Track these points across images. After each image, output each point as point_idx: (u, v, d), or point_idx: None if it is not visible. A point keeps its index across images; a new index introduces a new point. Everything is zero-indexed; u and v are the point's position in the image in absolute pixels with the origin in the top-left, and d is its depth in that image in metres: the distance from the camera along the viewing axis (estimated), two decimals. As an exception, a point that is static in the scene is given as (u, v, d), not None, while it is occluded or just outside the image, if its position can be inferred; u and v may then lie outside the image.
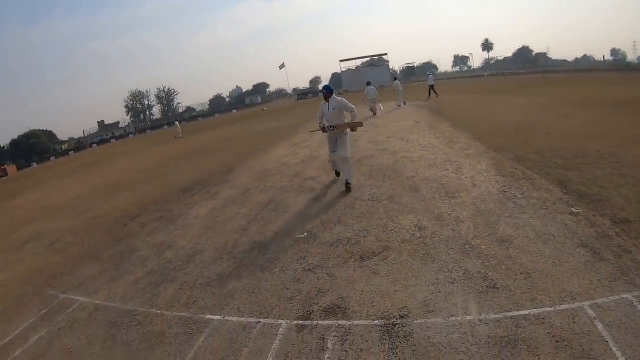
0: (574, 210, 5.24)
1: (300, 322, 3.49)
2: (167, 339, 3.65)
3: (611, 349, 2.90)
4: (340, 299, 3.74)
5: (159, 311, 4.17)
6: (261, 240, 5.58)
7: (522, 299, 3.58)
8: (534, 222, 5.00)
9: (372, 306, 3.56)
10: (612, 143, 8.36)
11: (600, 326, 3.17)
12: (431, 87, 24.97)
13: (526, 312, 3.42)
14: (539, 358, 2.88)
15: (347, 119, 7.26)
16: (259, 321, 3.60)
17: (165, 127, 63.22)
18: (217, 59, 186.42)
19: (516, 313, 3.43)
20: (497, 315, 3.38)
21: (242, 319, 3.68)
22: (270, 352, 3.16)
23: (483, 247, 4.50)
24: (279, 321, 3.55)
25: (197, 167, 13.08)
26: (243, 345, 3.31)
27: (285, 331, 3.40)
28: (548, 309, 3.45)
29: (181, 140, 28.87)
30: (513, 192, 6.10)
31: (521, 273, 3.96)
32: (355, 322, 3.38)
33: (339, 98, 7.11)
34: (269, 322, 3.56)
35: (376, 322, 3.35)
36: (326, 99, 7.12)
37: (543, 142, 9.27)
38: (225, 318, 3.76)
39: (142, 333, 3.85)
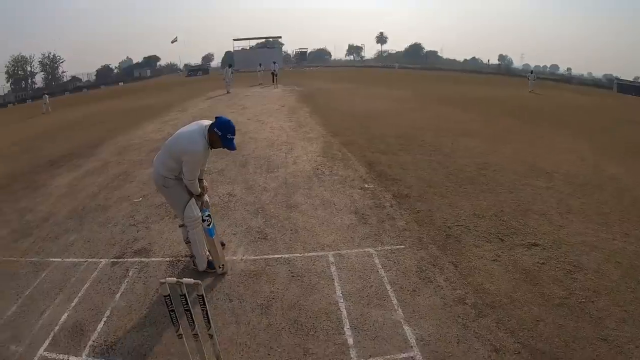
0: (366, 186, 6.52)
1: (115, 259, 4.86)
2: (19, 276, 4.65)
3: (333, 284, 3.83)
4: (149, 244, 5.18)
5: (15, 258, 5.11)
6: (105, 204, 6.71)
7: (282, 247, 4.67)
8: (325, 194, 6.35)
9: (169, 249, 5.04)
10: (441, 135, 9.96)
11: (333, 269, 4.10)
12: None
13: (279, 256, 4.47)
14: (273, 286, 3.89)
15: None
16: (87, 260, 4.89)
17: (29, 101, 48.41)
18: (110, 26, 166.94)
19: (270, 256, 4.48)
20: (255, 257, 4.52)
21: (75, 259, 4.93)
22: (89, 279, 4.48)
23: (272, 210, 5.90)
24: (100, 260, 4.88)
25: (70, 140, 13.16)
26: (71, 276, 4.56)
27: (103, 266, 4.73)
28: (298, 255, 4.45)
29: (56, 114, 25.76)
30: (323, 170, 7.58)
31: (291, 230, 5.18)
32: (153, 259, 4.84)
33: None
34: (94, 260, 4.87)
35: (167, 259, 4.80)
36: None
37: (381, 129, 10.87)
38: (63, 260, 4.96)
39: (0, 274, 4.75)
